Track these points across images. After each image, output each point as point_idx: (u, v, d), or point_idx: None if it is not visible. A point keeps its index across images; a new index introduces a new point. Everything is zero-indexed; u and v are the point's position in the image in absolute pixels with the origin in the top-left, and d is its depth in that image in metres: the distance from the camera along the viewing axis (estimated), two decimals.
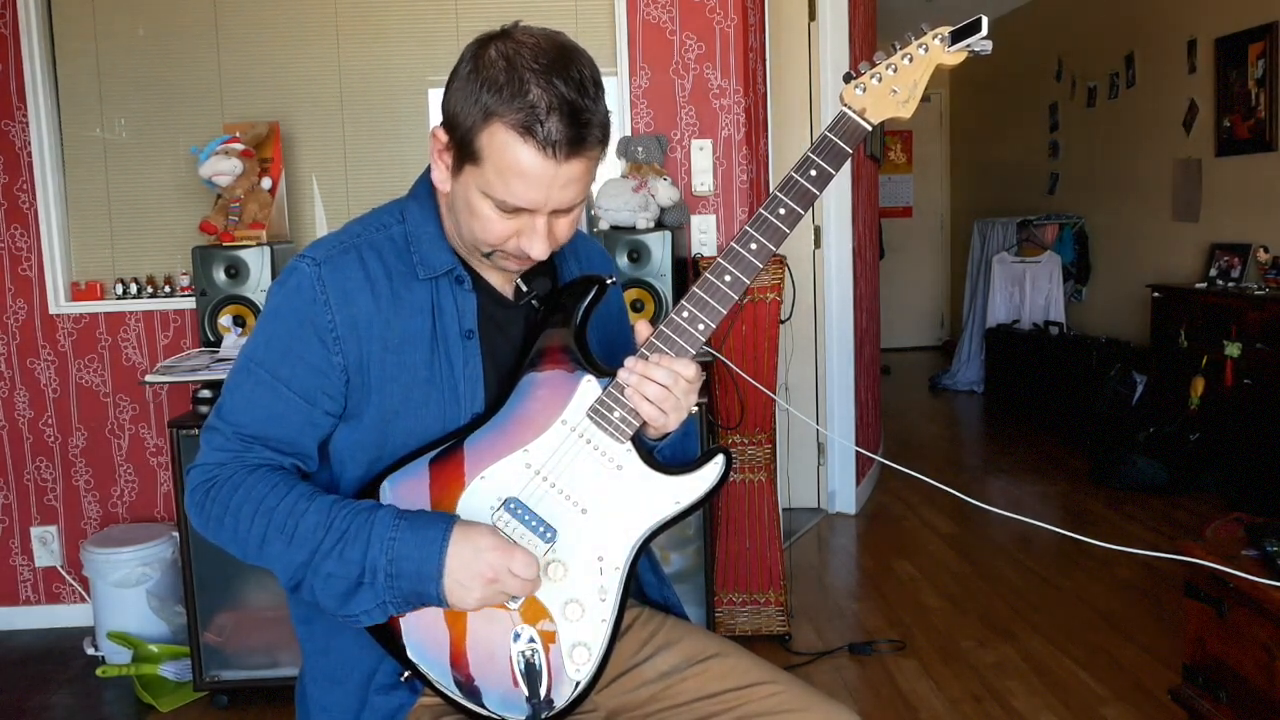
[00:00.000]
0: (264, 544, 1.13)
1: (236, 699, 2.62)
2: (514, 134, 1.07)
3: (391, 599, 1.10)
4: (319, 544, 1.10)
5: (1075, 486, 4.39)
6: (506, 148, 1.08)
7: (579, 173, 1.11)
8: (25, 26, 2.95)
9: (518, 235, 1.15)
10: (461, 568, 1.08)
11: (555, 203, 1.12)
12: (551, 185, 1.10)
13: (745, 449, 2.87)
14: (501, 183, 1.10)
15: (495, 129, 1.08)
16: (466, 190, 1.14)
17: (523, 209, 1.12)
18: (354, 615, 1.12)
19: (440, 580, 1.08)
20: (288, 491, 1.14)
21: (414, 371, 1.20)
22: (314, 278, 1.17)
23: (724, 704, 1.25)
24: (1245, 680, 2.14)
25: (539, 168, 1.08)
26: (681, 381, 1.15)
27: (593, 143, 1.11)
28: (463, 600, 1.09)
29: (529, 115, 1.06)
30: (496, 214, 1.13)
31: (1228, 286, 4.51)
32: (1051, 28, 6.70)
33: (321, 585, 1.11)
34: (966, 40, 1.12)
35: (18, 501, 3.13)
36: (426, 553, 1.08)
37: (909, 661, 2.75)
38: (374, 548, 1.09)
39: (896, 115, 1.15)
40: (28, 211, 3.03)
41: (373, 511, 1.11)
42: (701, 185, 3.02)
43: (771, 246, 1.16)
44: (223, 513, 1.14)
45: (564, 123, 1.07)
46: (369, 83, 3.05)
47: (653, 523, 1.18)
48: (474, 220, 1.15)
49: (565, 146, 1.07)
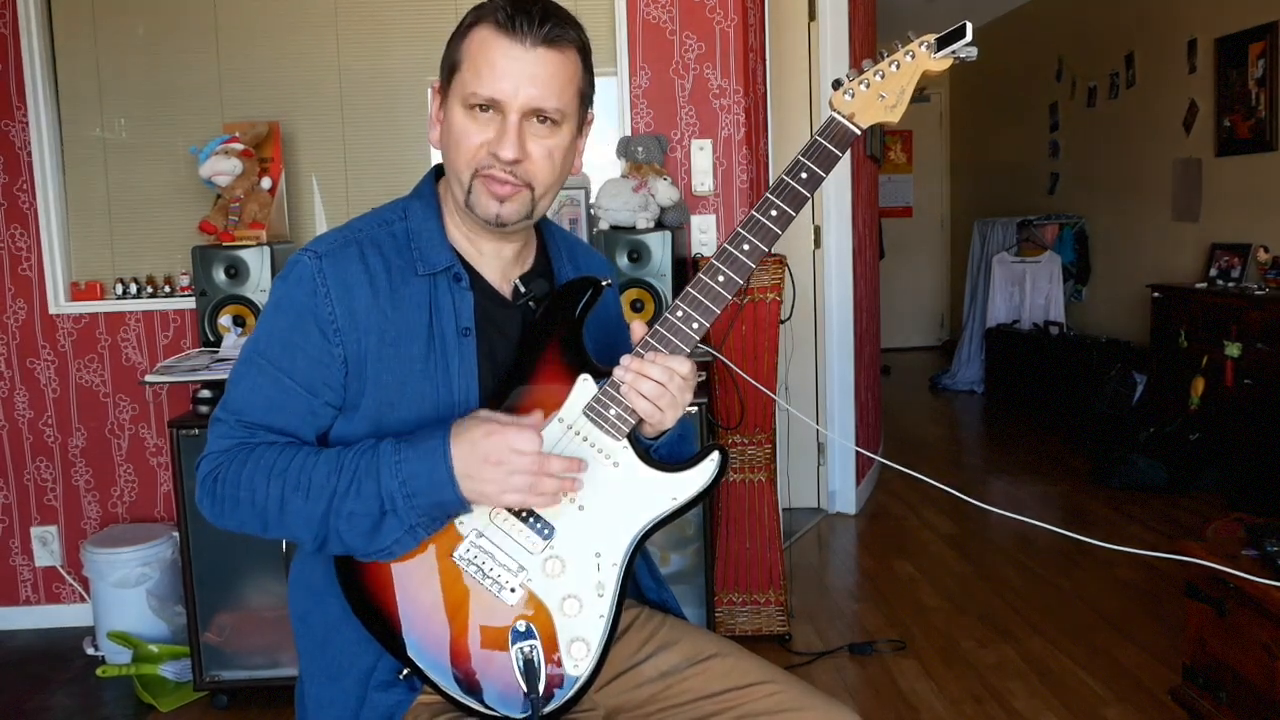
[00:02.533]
0: (283, 505, 1.14)
1: (236, 699, 2.62)
2: (488, 28, 1.16)
3: (417, 519, 1.12)
4: (334, 488, 1.12)
5: (1075, 486, 4.38)
6: (482, 42, 1.16)
7: (550, 69, 1.16)
8: (25, 26, 2.95)
9: (491, 143, 1.17)
10: (467, 463, 1.10)
11: (525, 97, 1.15)
12: (520, 75, 1.15)
13: (745, 449, 2.87)
14: (474, 75, 1.16)
15: (473, 32, 1.17)
16: (450, 112, 1.19)
17: (495, 101, 1.15)
18: (386, 548, 1.14)
19: (454, 483, 1.10)
20: (295, 453, 1.16)
21: (409, 365, 1.21)
22: (315, 270, 1.19)
23: (724, 704, 1.25)
24: (1246, 680, 2.14)
25: (507, 51, 1.15)
26: (677, 378, 1.16)
27: (563, 39, 1.17)
28: (484, 494, 1.11)
29: (502, 9, 1.15)
30: (472, 121, 1.17)
31: (1228, 286, 4.51)
32: (1051, 28, 6.70)
33: (347, 526, 1.13)
34: (952, 47, 1.15)
35: (17, 501, 3.13)
36: (433, 463, 1.10)
37: (909, 662, 2.75)
38: (385, 475, 1.11)
39: (884, 120, 1.18)
40: (27, 211, 3.03)
41: (375, 445, 1.14)
42: (701, 185, 3.02)
43: (764, 247, 1.18)
44: (235, 490, 1.16)
45: (534, 14, 1.15)
46: (369, 83, 3.05)
47: (650, 519, 1.19)
48: (454, 139, 1.19)
49: (530, 26, 1.14)
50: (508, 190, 1.19)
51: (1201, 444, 4.24)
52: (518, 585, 1.16)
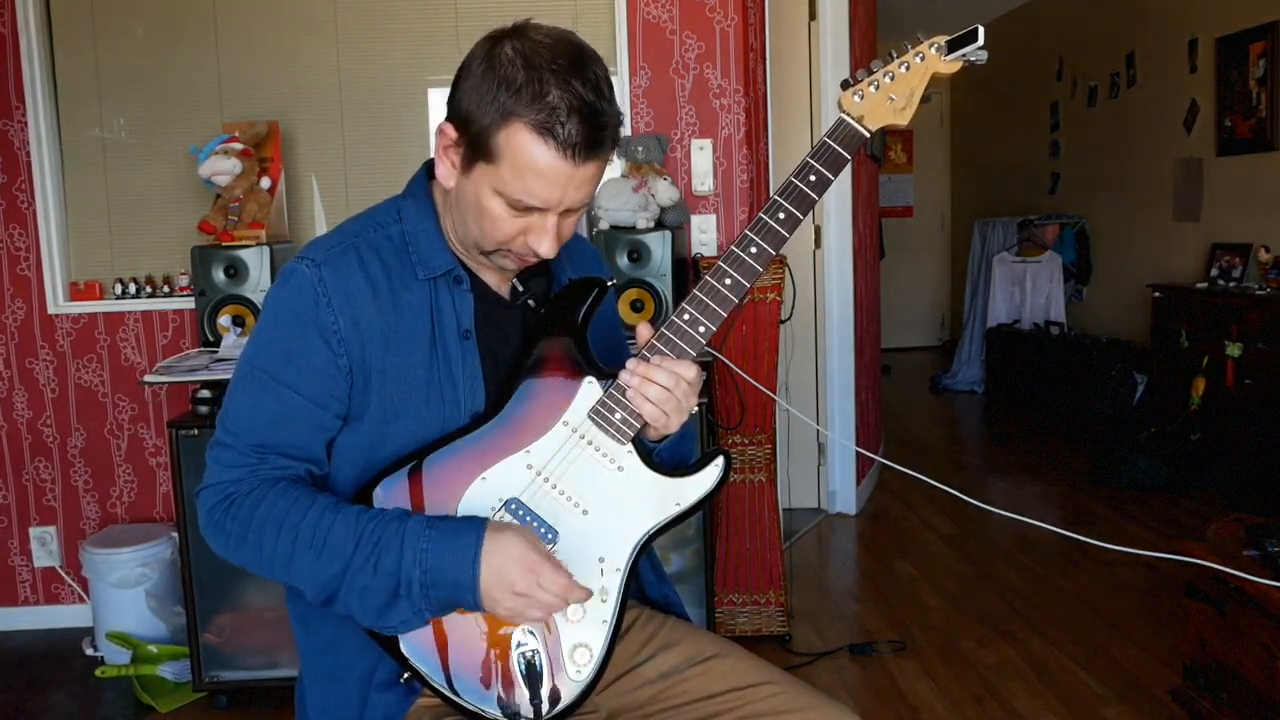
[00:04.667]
0: (291, 560, 1.12)
1: (236, 699, 2.62)
2: (534, 134, 1.07)
3: (429, 607, 1.11)
4: (350, 558, 1.10)
5: (1075, 486, 4.38)
6: (525, 148, 1.08)
7: (593, 173, 1.13)
8: (24, 26, 2.95)
9: (525, 233, 1.15)
10: (493, 583, 1.08)
11: (569, 202, 1.13)
12: (568, 186, 1.11)
13: (745, 449, 2.87)
14: (519, 182, 1.10)
15: (514, 129, 1.08)
16: (478, 188, 1.13)
17: (534, 208, 1.12)
18: (392, 626, 1.12)
19: (475, 593, 1.08)
20: (310, 505, 1.13)
21: (413, 372, 1.19)
22: (314, 279, 1.16)
23: (724, 704, 1.25)
24: (1246, 680, 2.14)
25: (557, 168, 1.09)
26: (683, 383, 1.16)
27: (608, 144, 1.12)
28: (494, 608, 1.10)
29: (550, 116, 1.06)
30: (508, 213, 1.13)
31: (1229, 286, 4.50)
32: (1052, 27, 6.70)
33: (358, 600, 1.11)
34: (963, 50, 1.13)
35: (16, 502, 3.13)
36: (460, 565, 1.08)
37: (909, 662, 2.75)
38: (407, 559, 1.09)
39: (894, 122, 1.17)
40: (26, 211, 3.03)
41: (402, 522, 1.10)
42: (701, 185, 3.02)
43: (771, 250, 1.17)
44: (244, 531, 1.13)
45: (583, 125, 1.07)
46: (369, 83, 3.04)
47: (653, 524, 1.18)
48: (482, 218, 1.15)
49: (584, 149, 1.08)
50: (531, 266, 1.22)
51: (1202, 444, 4.24)
52: None
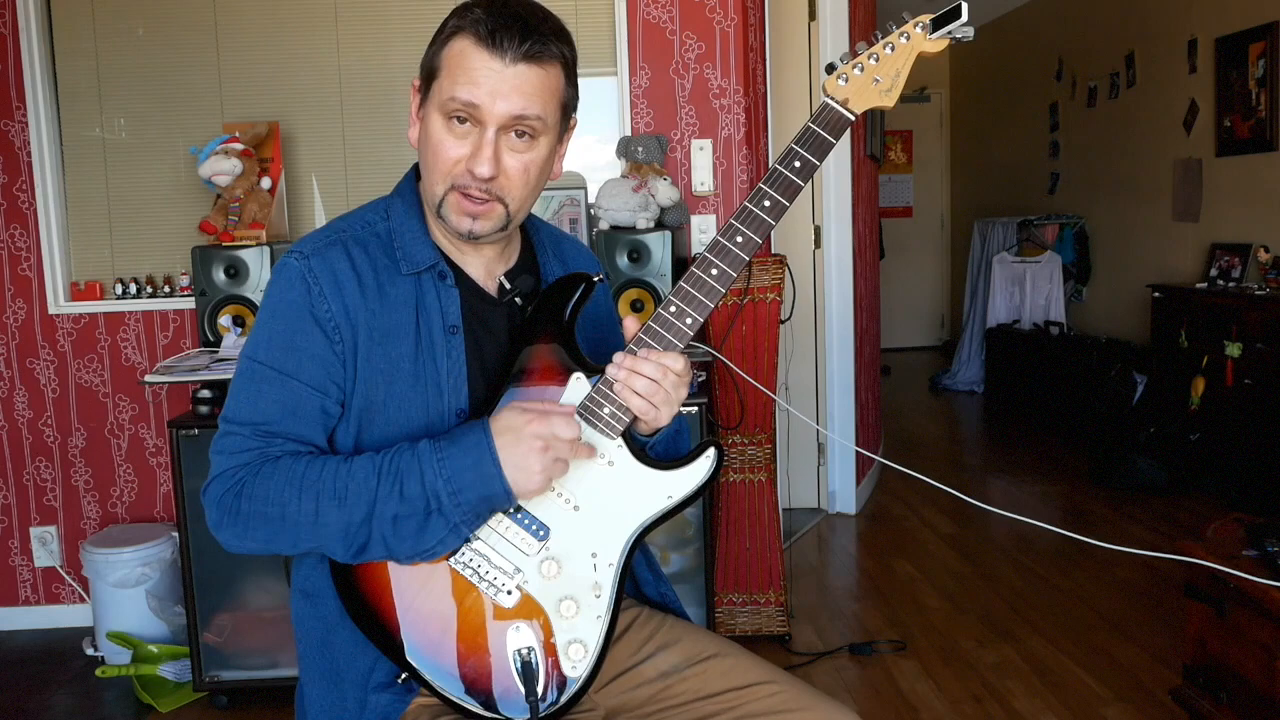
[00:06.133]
0: (318, 517, 1.11)
1: (236, 699, 2.62)
2: (468, 38, 1.14)
3: (462, 517, 1.11)
4: (375, 493, 1.10)
5: (1075, 486, 4.38)
6: (461, 53, 1.14)
7: (531, 85, 1.14)
8: (25, 26, 2.95)
9: (468, 160, 1.16)
10: (514, 453, 1.09)
11: (502, 110, 1.13)
12: (499, 86, 1.13)
13: (745, 449, 2.87)
14: (450, 83, 1.14)
15: (453, 41, 1.15)
16: (428, 120, 1.17)
17: (472, 108, 1.13)
18: (430, 548, 1.12)
19: (501, 475, 1.09)
20: (324, 463, 1.13)
21: (398, 365, 1.20)
22: (304, 270, 1.18)
23: (724, 704, 1.25)
24: (1246, 680, 2.14)
25: (485, 63, 1.13)
26: (670, 375, 1.15)
27: (545, 55, 1.14)
28: (529, 481, 1.10)
29: (481, 21, 1.13)
30: (449, 134, 1.16)
31: (1228, 286, 4.50)
32: (1052, 27, 6.70)
33: (391, 531, 1.11)
34: (948, 27, 1.11)
35: (17, 501, 3.13)
36: (478, 455, 1.10)
37: (909, 662, 2.75)
38: (429, 474, 1.10)
39: (879, 105, 1.15)
40: (27, 211, 3.03)
41: (413, 448, 1.12)
42: (701, 185, 3.02)
43: (757, 239, 1.16)
44: (264, 506, 1.12)
45: (513, 27, 1.12)
46: (369, 83, 3.05)
47: (646, 518, 1.18)
48: (427, 149, 1.18)
49: (509, 42, 1.12)
50: (481, 209, 1.18)
51: (1202, 444, 4.24)
52: (514, 587, 1.16)
